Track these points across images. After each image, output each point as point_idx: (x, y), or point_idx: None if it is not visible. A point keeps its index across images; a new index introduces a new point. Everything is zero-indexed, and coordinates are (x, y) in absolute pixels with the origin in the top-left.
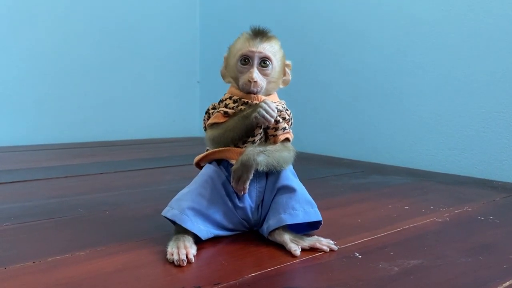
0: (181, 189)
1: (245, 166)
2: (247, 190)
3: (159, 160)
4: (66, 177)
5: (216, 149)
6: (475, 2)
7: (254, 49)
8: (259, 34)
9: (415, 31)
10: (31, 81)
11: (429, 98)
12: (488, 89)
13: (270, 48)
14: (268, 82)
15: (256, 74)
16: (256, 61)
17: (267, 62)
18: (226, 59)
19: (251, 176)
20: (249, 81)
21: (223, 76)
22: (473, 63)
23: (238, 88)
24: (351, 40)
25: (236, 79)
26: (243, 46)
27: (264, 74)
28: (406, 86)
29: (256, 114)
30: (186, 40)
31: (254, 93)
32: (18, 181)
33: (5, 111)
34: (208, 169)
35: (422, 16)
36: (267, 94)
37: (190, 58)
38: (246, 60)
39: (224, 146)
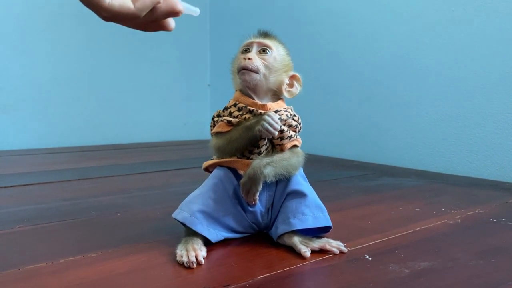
0: (192, 192)
1: (253, 180)
2: (257, 201)
3: (170, 162)
4: (79, 179)
5: (223, 159)
6: (484, 3)
7: (253, 40)
8: (263, 33)
9: (425, 33)
10: (44, 85)
11: (440, 100)
12: (499, 90)
13: (271, 42)
14: (269, 71)
15: (253, 55)
16: (255, 48)
17: (267, 50)
18: (233, 62)
19: (259, 188)
20: (244, 59)
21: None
22: (485, 64)
23: (243, 92)
24: (362, 42)
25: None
26: (245, 41)
27: (263, 59)
28: (417, 88)
29: (259, 127)
30: (196, 44)
31: (248, 69)
32: (31, 184)
33: (18, 115)
34: (219, 172)
35: (432, 18)
36: (270, 88)
37: (200, 62)
38: (246, 50)
39: (230, 155)
